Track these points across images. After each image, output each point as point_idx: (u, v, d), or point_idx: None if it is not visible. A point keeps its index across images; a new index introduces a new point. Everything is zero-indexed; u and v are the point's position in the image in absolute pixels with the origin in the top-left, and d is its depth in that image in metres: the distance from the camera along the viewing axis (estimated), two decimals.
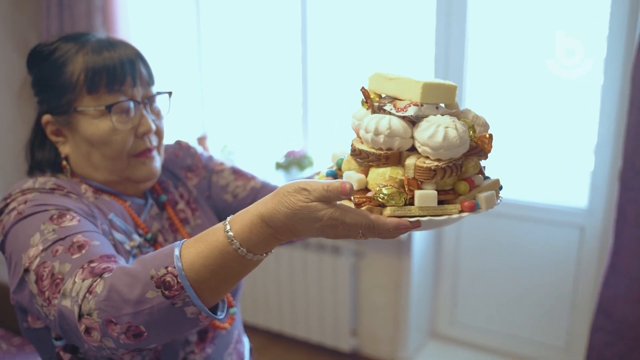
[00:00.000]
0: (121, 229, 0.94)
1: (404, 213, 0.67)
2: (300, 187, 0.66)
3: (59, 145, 0.97)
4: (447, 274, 2.61)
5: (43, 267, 0.75)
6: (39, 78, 0.95)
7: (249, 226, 0.67)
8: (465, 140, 0.68)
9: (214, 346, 1.02)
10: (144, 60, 0.97)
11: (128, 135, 0.94)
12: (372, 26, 2.64)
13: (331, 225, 0.66)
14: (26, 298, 0.77)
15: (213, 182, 1.14)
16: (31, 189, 0.87)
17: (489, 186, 0.74)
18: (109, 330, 0.67)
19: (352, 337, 2.65)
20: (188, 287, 0.67)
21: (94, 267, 0.72)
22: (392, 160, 0.71)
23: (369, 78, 0.80)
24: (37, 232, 0.79)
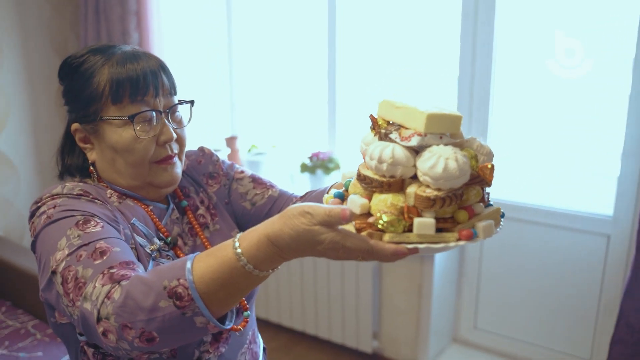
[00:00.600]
0: (143, 233, 0.99)
1: (402, 240, 0.70)
2: (304, 211, 0.69)
3: (87, 152, 1.03)
4: (470, 279, 2.61)
5: (68, 271, 0.80)
6: (68, 88, 1.00)
7: (256, 244, 0.71)
8: (465, 171, 0.70)
9: (227, 346, 1.05)
10: (167, 70, 1.02)
11: (150, 143, 0.98)
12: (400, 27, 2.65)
13: (332, 249, 0.69)
14: (53, 297, 0.83)
15: (233, 190, 1.17)
16: (60, 194, 0.93)
17: (489, 215, 0.76)
18: (124, 334, 0.72)
19: (374, 340, 2.67)
20: (197, 299, 0.71)
21: (113, 273, 0.77)
22: (394, 188, 0.73)
23: (379, 104, 0.82)
24: (63, 236, 0.84)
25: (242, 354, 1.10)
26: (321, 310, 2.77)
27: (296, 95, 3.15)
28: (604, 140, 2.25)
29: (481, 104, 2.39)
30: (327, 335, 2.79)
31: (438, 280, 2.48)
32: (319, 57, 2.86)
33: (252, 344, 1.15)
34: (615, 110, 2.18)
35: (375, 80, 2.80)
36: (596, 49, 2.19)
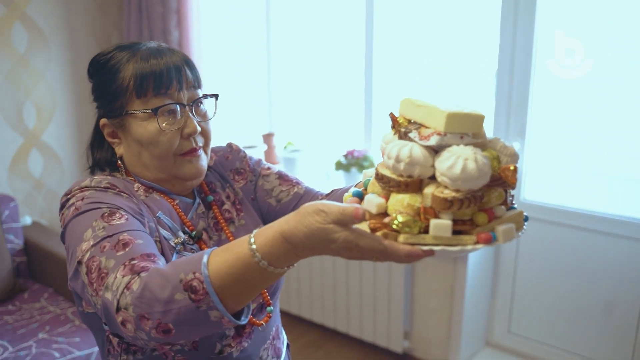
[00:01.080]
0: (167, 226, 1.00)
1: (417, 241, 0.68)
2: (319, 209, 0.68)
3: (115, 146, 1.05)
4: (505, 282, 2.55)
5: (92, 261, 0.82)
6: (96, 85, 1.03)
7: (271, 241, 0.71)
8: (485, 172, 0.68)
9: (250, 341, 1.06)
10: (191, 65, 1.03)
11: (174, 136, 0.99)
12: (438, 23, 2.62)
13: (346, 248, 0.68)
14: (79, 286, 0.85)
15: (259, 186, 1.17)
16: (88, 187, 0.95)
17: (510, 218, 0.73)
18: (142, 324, 0.73)
19: (405, 339, 2.65)
20: (212, 293, 0.71)
21: (134, 265, 0.78)
22: (412, 188, 0.71)
23: (400, 102, 0.80)
24: (89, 228, 0.87)
25: (264, 349, 1.11)
26: (353, 308, 2.77)
27: (333, 92, 3.16)
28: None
29: (519, 101, 2.33)
30: (358, 333, 2.78)
31: (471, 282, 2.44)
32: (356, 55, 2.85)
33: (275, 339, 1.15)
34: None
35: (413, 78, 2.77)
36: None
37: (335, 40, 3.04)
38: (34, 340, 2.12)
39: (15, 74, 2.71)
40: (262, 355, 1.10)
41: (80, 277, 0.84)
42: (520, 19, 2.26)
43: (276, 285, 1.13)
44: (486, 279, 2.56)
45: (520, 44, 2.28)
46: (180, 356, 0.98)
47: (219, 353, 1.01)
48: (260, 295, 1.09)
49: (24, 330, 2.19)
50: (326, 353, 2.83)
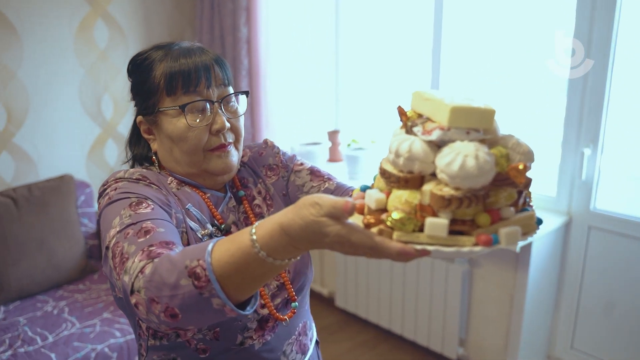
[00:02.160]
0: (196, 218, 1.04)
1: (411, 239, 0.66)
2: (314, 201, 0.68)
3: (150, 142, 1.10)
4: (570, 294, 2.42)
5: (117, 246, 0.86)
6: (133, 83, 1.08)
7: (269, 233, 0.71)
8: (486, 171, 0.64)
9: (273, 334, 1.07)
10: (221, 64, 1.06)
11: (203, 132, 1.02)
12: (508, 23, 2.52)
13: (338, 242, 0.67)
14: (108, 271, 0.90)
15: (291, 182, 1.19)
16: (122, 178, 1.01)
17: (518, 220, 0.68)
18: (152, 307, 0.76)
19: (460, 347, 2.58)
20: (214, 281, 0.72)
21: (151, 251, 0.81)
22: (412, 184, 0.69)
23: (412, 95, 0.78)
24: (117, 216, 0.91)
25: (288, 344, 1.11)
26: (408, 311, 2.73)
27: (398, 91, 3.12)
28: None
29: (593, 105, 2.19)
30: (413, 336, 2.74)
31: (532, 292, 2.34)
32: (423, 54, 2.80)
33: (301, 335, 1.16)
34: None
35: (479, 79, 2.69)
36: None
37: (403, 38, 3.00)
38: (99, 318, 2.26)
39: (95, 69, 2.88)
40: (286, 350, 1.11)
41: (108, 262, 0.88)
42: (597, 17, 2.12)
43: (303, 282, 1.14)
44: (549, 290, 2.44)
45: (597, 44, 2.14)
46: (202, 344, 1.01)
47: (240, 344, 1.03)
48: (285, 291, 1.10)
49: (90, 308, 2.34)
50: (380, 354, 2.81)
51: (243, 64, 2.92)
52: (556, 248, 2.37)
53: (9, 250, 2.36)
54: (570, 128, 2.27)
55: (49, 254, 2.47)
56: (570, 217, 2.34)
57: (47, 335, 2.14)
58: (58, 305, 2.38)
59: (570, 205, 2.34)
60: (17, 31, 2.59)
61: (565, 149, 2.30)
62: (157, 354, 1.05)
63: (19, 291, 2.40)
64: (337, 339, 2.97)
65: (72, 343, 2.09)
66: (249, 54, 2.92)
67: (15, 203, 2.43)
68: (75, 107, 2.84)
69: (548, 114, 2.48)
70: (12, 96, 2.63)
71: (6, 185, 2.65)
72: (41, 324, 2.22)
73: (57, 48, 2.74)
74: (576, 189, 2.31)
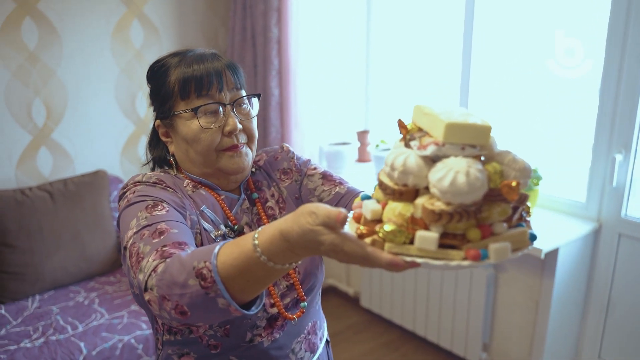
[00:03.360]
0: (210, 220, 1.08)
1: (401, 251, 0.68)
2: (311, 210, 0.71)
3: (168, 145, 1.15)
4: (598, 302, 2.36)
5: (133, 247, 0.91)
6: (152, 89, 1.14)
7: (270, 238, 0.74)
8: (476, 187, 0.65)
9: (282, 332, 1.10)
10: (233, 69, 1.10)
11: (215, 134, 1.07)
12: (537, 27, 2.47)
13: (332, 251, 0.70)
14: (126, 270, 0.94)
15: (303, 185, 1.22)
16: (140, 182, 1.06)
17: (510, 236, 0.69)
18: (164, 304, 0.80)
19: (483, 352, 2.56)
20: (219, 282, 0.76)
21: (164, 251, 0.85)
22: (406, 197, 0.71)
23: (413, 108, 0.79)
24: (134, 217, 0.95)
25: (297, 343, 1.14)
26: (432, 313, 2.72)
27: (428, 93, 3.10)
28: None
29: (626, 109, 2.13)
30: (436, 339, 2.73)
31: (559, 299, 2.29)
32: (453, 56, 2.77)
33: (310, 334, 1.18)
34: None
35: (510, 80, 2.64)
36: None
37: (434, 40, 2.98)
38: (127, 310, 2.34)
39: (130, 67, 2.97)
40: (295, 347, 1.14)
41: (126, 261, 0.92)
42: (633, 19, 2.06)
43: (313, 283, 1.16)
44: (577, 297, 2.38)
45: (631, 46, 2.08)
46: (213, 341, 1.05)
47: (249, 341, 1.07)
48: (295, 291, 1.12)
49: (119, 300, 2.42)
50: (403, 355, 2.81)
51: (273, 64, 2.95)
52: (585, 255, 2.32)
53: (44, 242, 2.46)
54: (601, 133, 2.21)
55: (82, 246, 2.57)
56: (600, 223, 2.29)
57: (77, 324, 2.23)
58: (89, 296, 2.47)
59: (600, 211, 2.29)
60: (58, 31, 2.70)
61: (596, 154, 2.25)
62: (172, 348, 1.10)
63: (53, 281, 2.50)
64: (362, 338, 2.98)
65: (101, 333, 2.17)
66: (279, 54, 2.95)
67: (52, 197, 2.54)
68: (110, 104, 2.94)
69: (579, 117, 2.43)
70: (52, 94, 2.73)
71: (44, 179, 2.76)
72: (72, 314, 2.31)
73: (95, 47, 2.83)
74: (607, 195, 2.25)
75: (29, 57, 2.64)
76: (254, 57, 3.06)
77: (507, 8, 2.58)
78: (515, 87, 2.64)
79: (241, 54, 3.10)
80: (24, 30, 2.61)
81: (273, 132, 3.05)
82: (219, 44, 3.31)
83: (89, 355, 2.07)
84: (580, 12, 2.31)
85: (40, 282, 2.47)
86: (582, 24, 2.29)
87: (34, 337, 2.14)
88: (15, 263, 2.41)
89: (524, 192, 0.72)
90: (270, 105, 3.01)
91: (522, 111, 2.66)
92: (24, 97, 2.66)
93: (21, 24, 2.59)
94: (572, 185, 2.46)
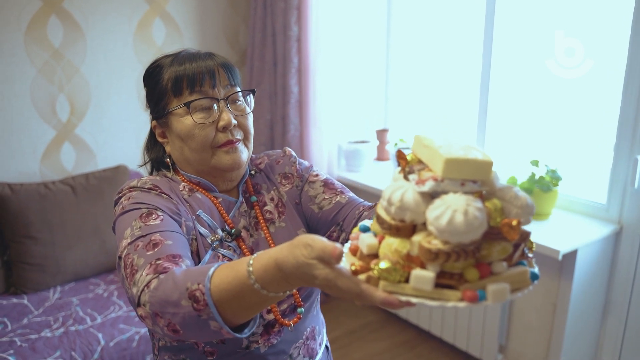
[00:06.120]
0: (207, 224, 1.07)
1: (397, 290, 0.66)
2: (307, 242, 0.70)
3: (165, 145, 1.14)
4: (618, 306, 2.31)
5: (127, 257, 0.90)
6: (147, 90, 1.14)
7: (264, 266, 0.73)
8: (475, 227, 0.62)
9: (279, 338, 1.09)
10: (227, 66, 1.09)
11: (209, 129, 1.06)
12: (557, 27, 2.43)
13: (326, 285, 0.69)
14: (120, 278, 0.94)
15: (304, 192, 1.20)
16: (135, 187, 1.05)
17: (509, 276, 0.66)
18: (156, 321, 0.80)
19: (499, 353, 2.53)
20: (211, 305, 0.75)
21: (158, 265, 0.85)
22: (403, 233, 0.68)
23: (414, 138, 0.77)
24: (129, 227, 0.95)
25: (295, 348, 1.13)
26: (448, 313, 2.70)
27: (448, 92, 3.08)
28: None
29: None
30: (452, 339, 2.71)
31: (577, 302, 2.26)
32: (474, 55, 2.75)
33: (309, 340, 1.17)
34: None
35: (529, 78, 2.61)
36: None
37: (455, 38, 2.96)
38: None
39: None
40: (293, 353, 1.12)
41: (121, 270, 0.93)
42: None
43: (310, 290, 1.14)
44: (596, 301, 2.34)
45: None
46: (209, 347, 1.05)
47: (246, 348, 1.06)
48: (292, 297, 1.11)
49: None
50: (418, 354, 2.80)
51: (293, 62, 2.97)
52: (605, 258, 2.28)
53: (66, 235, 2.52)
54: (623, 133, 2.17)
55: (102, 240, 2.62)
56: (620, 226, 2.24)
57: (96, 316, 2.28)
58: (108, 288, 2.52)
59: (621, 213, 2.24)
60: (82, 29, 2.76)
61: (618, 155, 2.20)
62: (168, 354, 1.10)
63: (74, 273, 2.56)
64: (377, 337, 2.97)
65: (119, 325, 2.22)
66: (299, 52, 2.97)
67: (74, 191, 2.59)
68: (132, 101, 2.99)
69: (601, 117, 2.39)
70: (75, 90, 2.79)
71: (67, 173, 2.83)
72: (92, 305, 2.36)
73: (118, 45, 2.88)
74: (628, 197, 2.21)
75: (54, 54, 2.70)
76: (274, 55, 3.08)
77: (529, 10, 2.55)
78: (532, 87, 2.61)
79: (261, 52, 3.12)
80: (50, 28, 2.67)
81: (292, 130, 3.07)
82: (239, 41, 3.34)
83: (107, 346, 2.11)
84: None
85: (61, 274, 2.52)
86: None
87: (54, 327, 2.19)
88: (38, 255, 2.47)
89: (525, 230, 0.70)
90: (290, 103, 3.02)
91: (540, 110, 2.63)
92: (49, 93, 2.72)
93: (47, 22, 2.65)
94: (592, 186, 2.42)
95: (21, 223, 2.44)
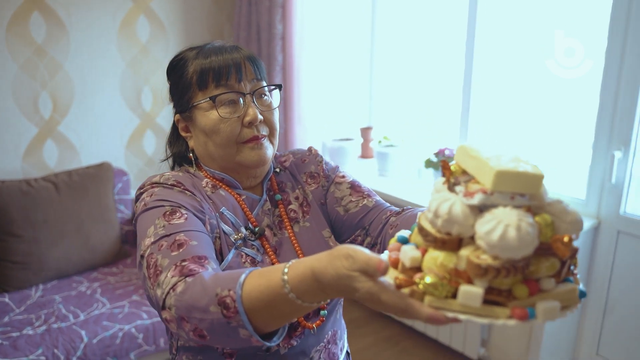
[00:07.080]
0: (230, 222, 1.04)
1: (443, 306, 0.63)
2: (348, 254, 0.67)
3: (188, 140, 1.11)
4: (596, 300, 2.36)
5: (151, 257, 0.88)
6: (171, 84, 1.11)
7: (301, 276, 0.71)
8: (527, 243, 0.60)
9: (300, 340, 1.05)
10: (254, 61, 1.07)
11: (235, 124, 1.03)
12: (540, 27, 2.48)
13: (369, 299, 0.66)
14: (142, 276, 0.92)
15: (330, 192, 1.17)
16: (158, 183, 1.01)
17: (559, 294, 0.64)
18: (182, 325, 0.78)
19: (482, 347, 2.56)
20: (242, 313, 0.73)
21: (183, 267, 0.82)
22: (449, 246, 0.66)
23: (457, 149, 0.74)
24: (152, 225, 0.92)
25: (316, 351, 1.10)
26: None
27: (432, 89, 3.11)
28: None
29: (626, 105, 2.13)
30: (435, 334, 2.74)
31: None
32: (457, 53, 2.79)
33: (330, 344, 1.13)
34: None
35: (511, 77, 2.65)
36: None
37: (438, 37, 2.99)
38: (128, 300, 2.37)
39: (136, 62, 3.00)
40: (313, 356, 1.09)
41: (142, 269, 0.90)
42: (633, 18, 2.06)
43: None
44: None
45: (631, 45, 2.08)
46: (229, 349, 1.02)
47: (266, 350, 1.02)
48: None
49: (121, 291, 2.45)
50: (402, 350, 2.82)
51: (277, 60, 2.98)
52: (583, 252, 2.32)
53: (49, 232, 2.51)
54: (601, 130, 2.21)
55: (85, 237, 2.61)
56: (599, 221, 2.29)
57: (79, 313, 2.27)
58: (91, 286, 2.51)
59: (599, 208, 2.29)
60: (66, 26, 2.74)
61: (596, 152, 2.25)
62: (186, 354, 1.07)
63: (56, 271, 2.54)
64: (363, 332, 3.00)
65: (102, 322, 2.21)
66: (283, 51, 2.98)
67: (57, 188, 2.58)
68: (116, 98, 2.98)
69: (580, 116, 2.44)
70: (59, 87, 2.78)
71: (50, 170, 2.81)
72: (74, 303, 2.35)
73: (102, 42, 2.87)
74: (606, 193, 2.25)
75: (37, 50, 2.68)
76: (258, 53, 3.09)
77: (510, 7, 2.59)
78: (516, 85, 2.65)
79: None
80: (32, 24, 2.65)
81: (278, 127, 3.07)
82: (224, 39, 3.33)
83: (90, 343, 2.10)
84: (580, 12, 2.32)
85: (44, 272, 2.51)
86: (582, 24, 2.30)
87: (36, 325, 2.18)
88: (20, 253, 2.45)
89: (574, 246, 0.67)
90: None
91: (523, 109, 2.67)
92: (31, 90, 2.70)
93: (29, 18, 2.64)
94: (572, 182, 2.46)
95: (3, 220, 2.43)
